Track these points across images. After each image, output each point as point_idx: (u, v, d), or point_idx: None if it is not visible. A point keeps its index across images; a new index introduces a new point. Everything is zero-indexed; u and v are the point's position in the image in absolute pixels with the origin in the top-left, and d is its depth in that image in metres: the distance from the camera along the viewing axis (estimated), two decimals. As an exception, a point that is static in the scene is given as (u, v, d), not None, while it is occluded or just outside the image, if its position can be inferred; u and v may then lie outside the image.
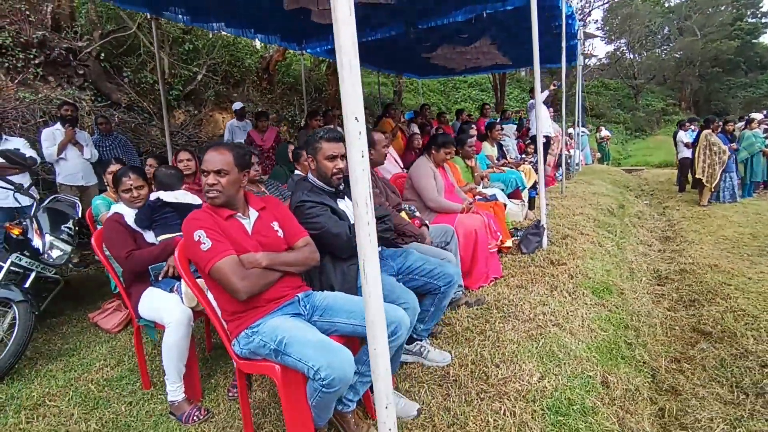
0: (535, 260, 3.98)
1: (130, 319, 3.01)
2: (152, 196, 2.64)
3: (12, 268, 3.09)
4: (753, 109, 15.68)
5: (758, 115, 9.12)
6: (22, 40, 6.49)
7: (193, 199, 2.72)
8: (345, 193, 2.39)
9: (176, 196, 2.65)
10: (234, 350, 1.90)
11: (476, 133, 6.21)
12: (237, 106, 7.03)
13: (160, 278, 2.51)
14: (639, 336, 3.15)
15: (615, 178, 10.32)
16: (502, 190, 5.15)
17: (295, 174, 3.91)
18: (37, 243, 3.16)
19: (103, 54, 7.60)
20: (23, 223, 3.24)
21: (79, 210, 3.76)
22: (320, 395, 1.63)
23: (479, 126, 7.68)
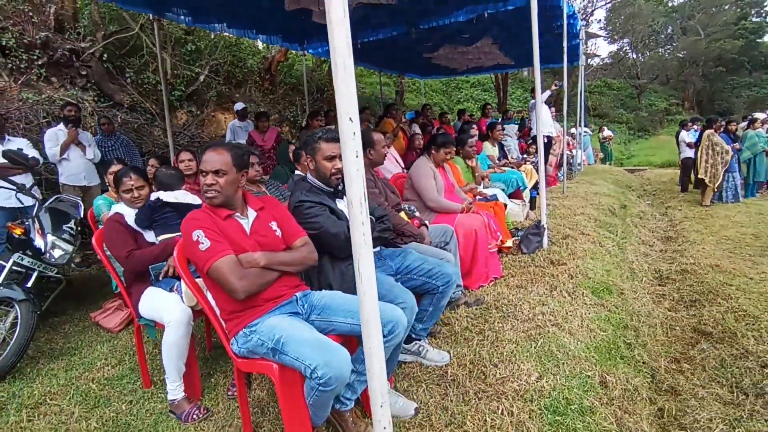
0: (536, 260, 3.97)
1: (132, 319, 3.02)
2: (152, 196, 2.65)
3: (14, 268, 3.12)
4: (757, 109, 15.62)
5: (761, 115, 9.08)
6: (26, 41, 6.53)
7: (193, 199, 2.73)
8: (344, 193, 2.40)
9: (176, 196, 2.67)
10: (232, 349, 1.91)
11: (477, 133, 6.21)
12: (239, 106, 7.05)
13: (161, 278, 2.53)
14: (639, 336, 3.14)
15: (617, 178, 10.28)
16: (503, 190, 5.14)
17: (296, 174, 3.92)
18: (39, 243, 3.17)
19: (105, 55, 7.64)
20: (25, 223, 3.26)
21: (81, 210, 3.78)
22: (317, 394, 1.64)
23: (481, 126, 7.68)
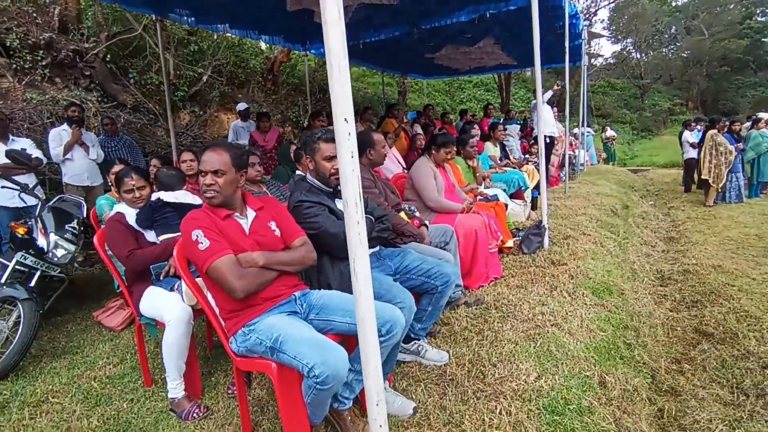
0: (536, 260, 3.97)
1: (133, 318, 3.04)
2: (153, 197, 2.67)
3: (17, 267, 3.15)
4: (762, 109, 15.52)
5: (765, 115, 9.00)
6: (30, 41, 6.57)
7: (194, 200, 2.75)
8: (343, 193, 2.41)
9: (177, 197, 2.68)
10: (231, 348, 1.93)
11: (479, 133, 6.21)
12: (241, 106, 7.08)
13: (162, 277, 2.54)
14: (639, 336, 3.14)
15: (620, 179, 10.25)
16: (504, 190, 5.14)
17: (296, 174, 3.93)
18: (41, 242, 3.20)
19: (109, 55, 7.69)
20: (28, 223, 3.29)
21: (84, 210, 3.81)
22: (315, 392, 1.65)
23: (483, 126, 7.68)
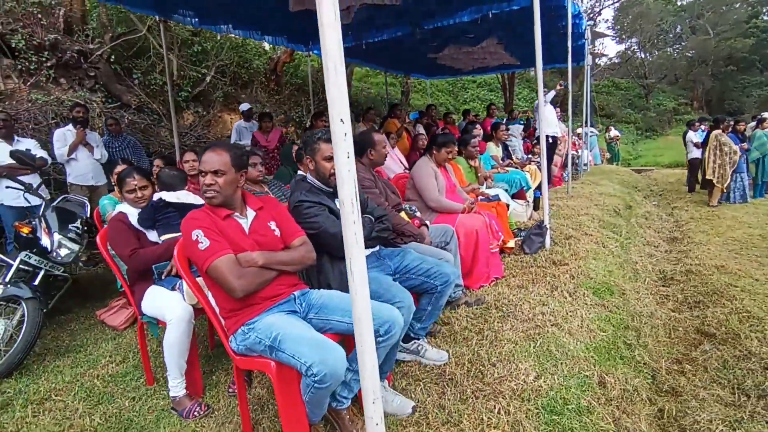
0: (537, 261, 3.97)
1: (136, 317, 3.07)
2: (155, 197, 2.69)
3: (21, 267, 3.18)
4: (767, 109, 15.42)
5: (770, 115, 8.97)
6: (35, 42, 6.62)
7: (195, 200, 2.76)
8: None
9: (178, 197, 2.70)
10: (231, 347, 1.94)
11: (481, 133, 6.21)
12: (244, 107, 7.10)
13: (164, 277, 2.56)
14: (640, 337, 3.13)
15: (623, 179, 10.21)
16: (506, 190, 5.14)
17: (298, 174, 3.93)
18: (45, 242, 3.23)
19: (113, 56, 7.73)
20: (32, 223, 3.32)
21: (88, 209, 3.84)
22: (313, 391, 1.66)
23: (485, 126, 7.67)
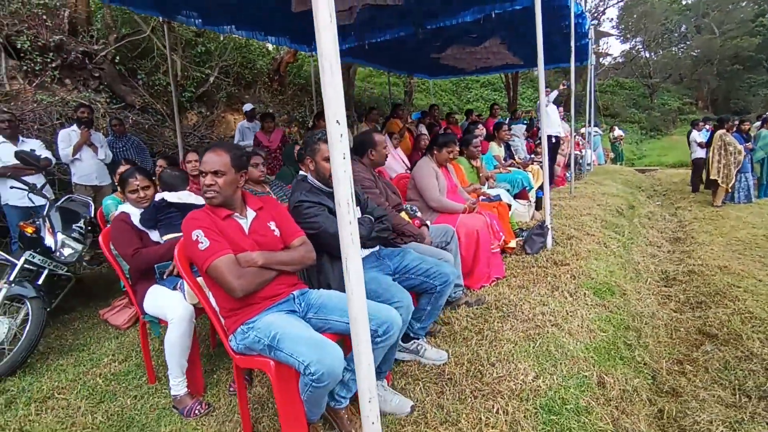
0: (539, 261, 3.96)
1: (138, 316, 3.09)
2: (157, 197, 2.71)
3: (26, 266, 3.21)
4: (773, 108, 15.32)
5: (775, 114, 8.93)
6: (40, 44, 6.68)
7: (197, 200, 2.78)
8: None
9: (180, 197, 2.73)
10: (231, 345, 1.96)
11: (484, 133, 6.20)
12: (247, 107, 7.13)
13: (165, 276, 2.59)
14: (641, 337, 3.12)
15: (627, 179, 10.17)
16: (508, 190, 5.13)
17: (299, 174, 3.95)
18: (49, 241, 3.26)
19: (118, 57, 7.79)
20: (36, 222, 3.36)
21: (92, 209, 3.87)
22: (311, 390, 1.68)
23: (488, 126, 7.66)
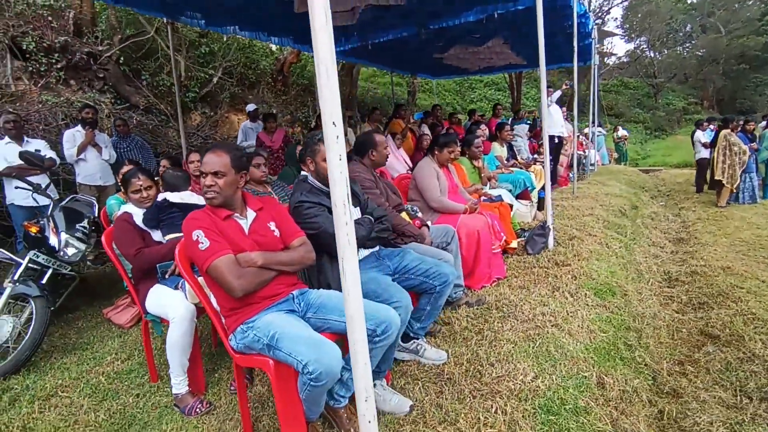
0: (540, 261, 3.96)
1: (141, 315, 3.12)
2: (159, 197, 2.74)
3: (30, 265, 3.24)
4: (779, 108, 15.20)
5: (780, 114, 8.87)
6: (45, 45, 6.72)
7: (198, 200, 2.81)
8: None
9: (182, 197, 2.75)
10: (231, 345, 1.97)
11: (486, 133, 6.20)
12: (250, 107, 7.16)
13: (167, 276, 2.61)
14: (641, 338, 3.12)
15: (631, 179, 10.13)
16: (510, 191, 5.13)
17: (301, 175, 3.97)
18: (53, 241, 3.29)
19: (122, 58, 7.83)
20: (41, 222, 3.39)
21: (96, 209, 3.90)
22: (309, 389, 1.69)
23: (491, 126, 7.65)
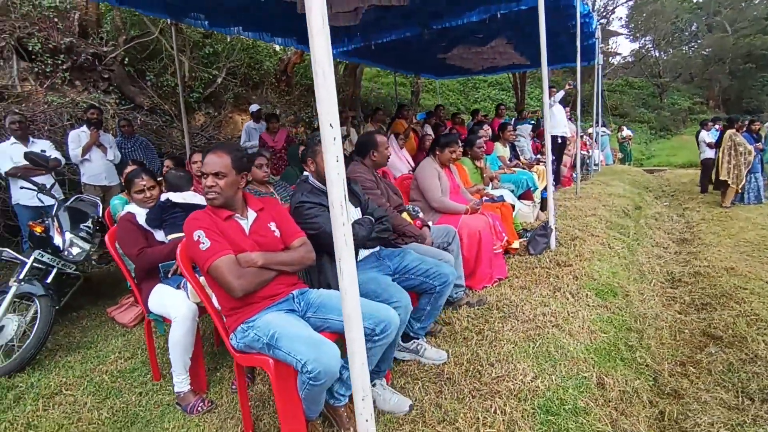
0: (542, 262, 3.96)
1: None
2: (162, 197, 2.77)
3: (35, 265, 3.27)
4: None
5: (786, 114, 8.81)
6: (51, 46, 6.79)
7: (201, 200, 2.82)
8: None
9: (184, 197, 2.78)
10: (231, 344, 1.99)
11: (489, 133, 6.19)
12: (253, 108, 7.18)
13: (169, 275, 2.63)
14: (643, 339, 3.11)
15: (635, 179, 10.09)
16: (512, 191, 5.12)
17: (303, 175, 3.99)
18: (57, 240, 3.33)
19: (127, 59, 7.90)
20: (45, 222, 3.42)
21: (100, 209, 3.94)
22: (308, 388, 1.70)
23: (494, 126, 7.64)
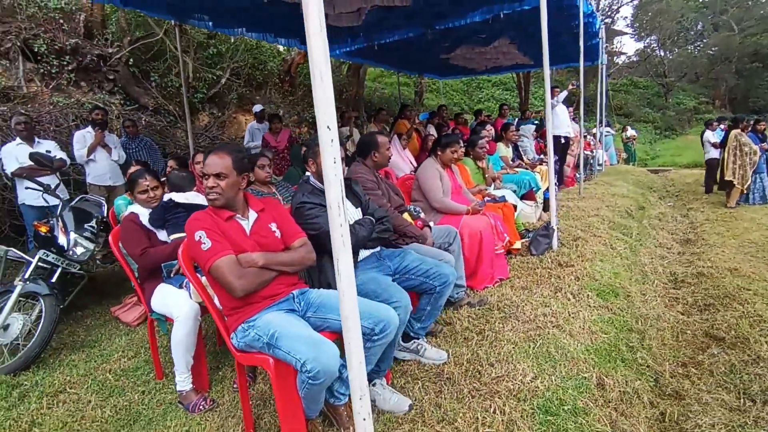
0: (543, 262, 3.95)
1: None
2: (165, 197, 2.79)
3: (40, 264, 3.31)
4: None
5: (791, 114, 8.75)
6: (56, 47, 6.85)
7: (203, 201, 2.84)
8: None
9: (187, 198, 2.80)
10: (232, 343, 2.01)
11: (492, 133, 6.19)
12: (257, 108, 7.21)
13: (172, 275, 2.65)
14: (644, 339, 3.11)
15: (638, 179, 10.05)
16: (515, 191, 5.12)
17: (305, 176, 4.01)
18: (62, 240, 3.36)
19: (132, 60, 7.94)
20: (50, 222, 3.46)
21: (105, 209, 3.97)
22: (308, 387, 1.72)
23: (497, 126, 7.63)
